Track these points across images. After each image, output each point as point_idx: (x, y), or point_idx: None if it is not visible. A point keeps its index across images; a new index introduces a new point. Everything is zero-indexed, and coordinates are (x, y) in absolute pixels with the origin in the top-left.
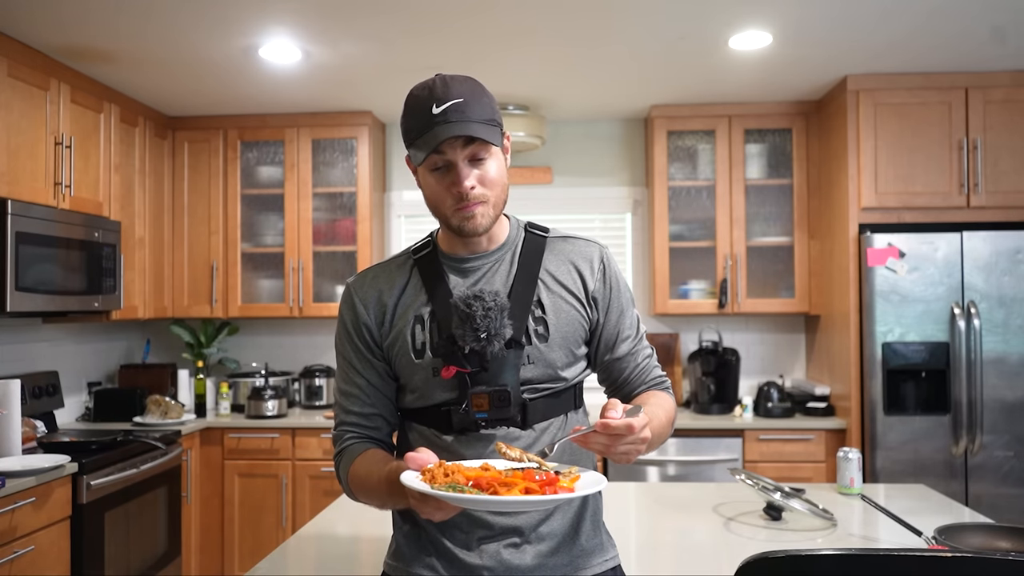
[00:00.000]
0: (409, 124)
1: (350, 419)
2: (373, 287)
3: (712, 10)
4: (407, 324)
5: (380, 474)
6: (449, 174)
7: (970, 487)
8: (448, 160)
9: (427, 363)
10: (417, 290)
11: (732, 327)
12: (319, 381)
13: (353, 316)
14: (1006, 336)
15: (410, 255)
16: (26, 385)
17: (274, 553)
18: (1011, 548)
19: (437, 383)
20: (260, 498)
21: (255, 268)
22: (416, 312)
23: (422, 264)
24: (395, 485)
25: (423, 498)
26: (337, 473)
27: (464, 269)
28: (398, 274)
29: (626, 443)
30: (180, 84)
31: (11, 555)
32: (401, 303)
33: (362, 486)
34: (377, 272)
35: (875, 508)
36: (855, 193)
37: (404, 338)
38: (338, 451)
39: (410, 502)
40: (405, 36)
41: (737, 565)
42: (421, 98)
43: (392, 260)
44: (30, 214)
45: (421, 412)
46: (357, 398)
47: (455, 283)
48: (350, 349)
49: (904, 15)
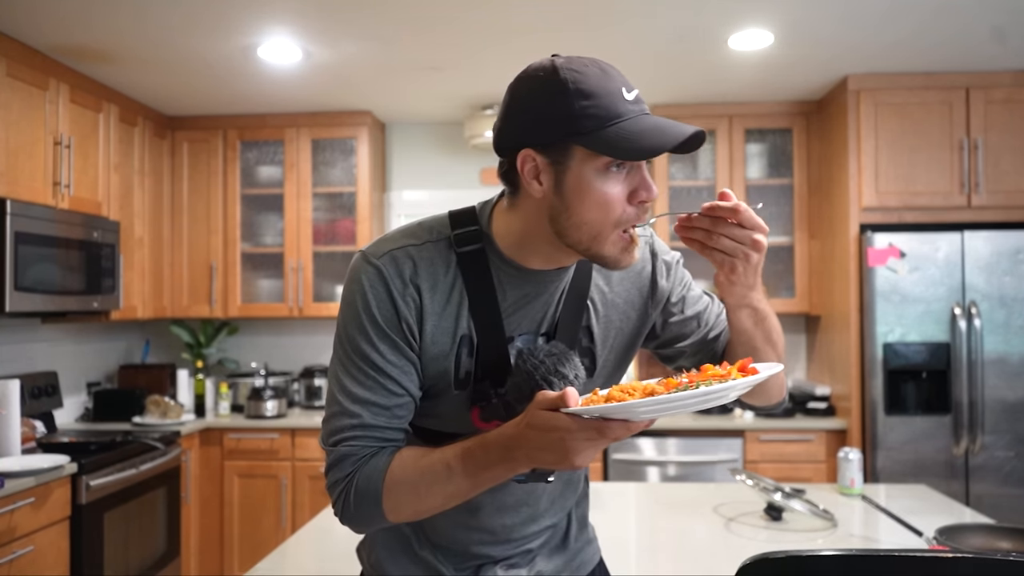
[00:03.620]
0: (586, 107)
1: (375, 435)
2: (412, 279)
3: (712, 9)
4: (452, 344)
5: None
6: (629, 179)
7: (971, 487)
8: (636, 164)
9: (467, 395)
10: (460, 302)
11: None
12: (319, 381)
13: (391, 309)
14: (1007, 336)
15: (452, 245)
16: (25, 385)
17: (274, 553)
18: (1012, 548)
19: (466, 418)
20: (260, 499)
21: (255, 268)
22: (463, 332)
23: (468, 265)
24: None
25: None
26: (350, 497)
27: (523, 282)
28: (440, 267)
29: (733, 231)
30: (179, 84)
31: (10, 555)
32: (446, 313)
33: (420, 479)
34: (416, 257)
35: (876, 508)
36: (856, 193)
37: (447, 360)
38: (349, 472)
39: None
40: (405, 36)
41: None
42: (592, 75)
43: (429, 244)
44: (29, 214)
45: (432, 434)
46: (387, 411)
47: (511, 301)
48: (383, 349)
49: (905, 15)
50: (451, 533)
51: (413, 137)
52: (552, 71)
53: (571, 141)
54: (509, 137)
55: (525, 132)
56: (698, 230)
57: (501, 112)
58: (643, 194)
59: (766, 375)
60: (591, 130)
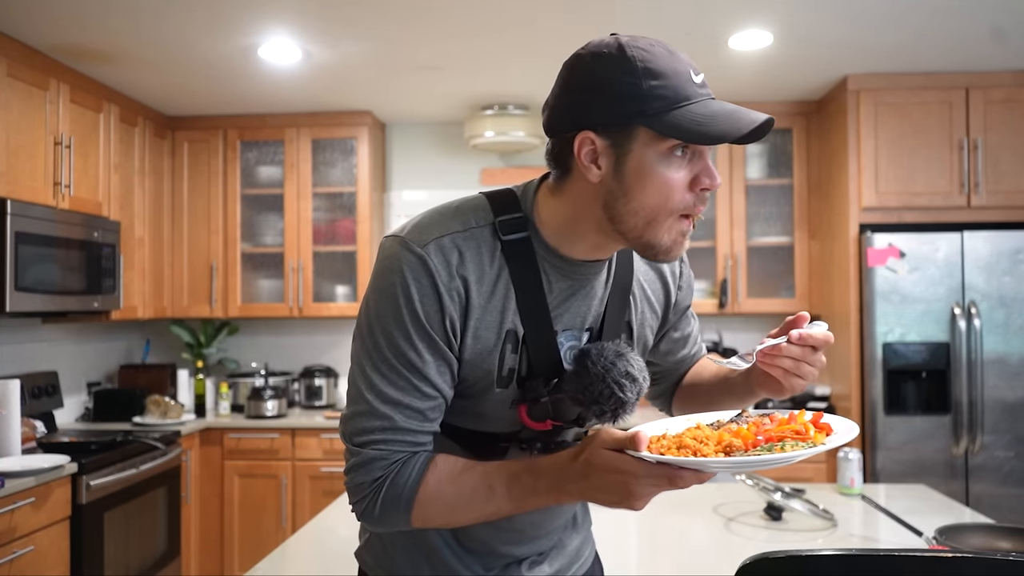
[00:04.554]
0: (655, 88)
1: (407, 439)
2: (458, 270)
3: (712, 9)
4: (496, 340)
5: (508, 471)
6: (691, 165)
7: (971, 487)
8: (700, 150)
9: (509, 394)
10: (506, 295)
11: (732, 327)
12: (319, 381)
13: (435, 304)
14: (1007, 336)
15: (497, 232)
16: (25, 385)
17: (274, 553)
18: (1012, 548)
19: (507, 417)
20: (260, 498)
21: (255, 268)
22: (508, 327)
23: (513, 255)
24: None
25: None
26: (379, 502)
27: (572, 274)
28: (487, 260)
29: (816, 358)
30: (180, 84)
31: (11, 555)
32: (491, 307)
33: (449, 502)
34: (462, 244)
35: (875, 508)
36: (855, 193)
37: (492, 357)
38: (377, 477)
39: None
40: (405, 36)
41: (737, 565)
42: (660, 55)
43: (473, 230)
44: (29, 214)
45: (464, 434)
46: (421, 414)
47: (557, 293)
48: (423, 348)
49: (905, 15)
50: (481, 534)
51: (413, 137)
52: (618, 49)
53: (636, 123)
54: (566, 117)
55: (585, 113)
56: (786, 359)
57: (556, 90)
58: (705, 181)
59: (846, 440)
60: (659, 112)
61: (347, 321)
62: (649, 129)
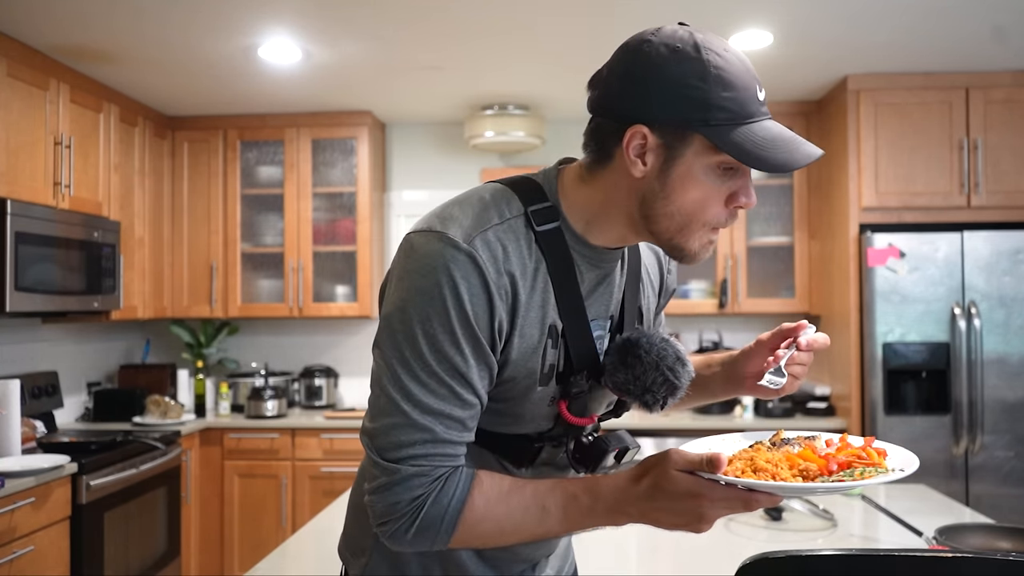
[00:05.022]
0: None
1: (448, 451)
2: (505, 266)
3: (712, 9)
4: (541, 336)
5: (564, 491)
6: (732, 181)
7: (971, 487)
8: (746, 168)
9: (548, 392)
10: (545, 287)
11: (732, 327)
12: (319, 381)
13: (486, 305)
14: (1007, 336)
15: (530, 222)
16: (26, 385)
17: (274, 553)
18: (1011, 548)
19: (544, 414)
20: (260, 498)
21: (255, 268)
22: (551, 321)
23: (547, 246)
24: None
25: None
26: (416, 520)
27: (596, 263)
28: (525, 253)
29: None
30: (180, 84)
31: (11, 555)
32: (533, 302)
33: (498, 523)
34: (503, 237)
35: (875, 508)
36: (855, 193)
37: (535, 355)
38: (418, 496)
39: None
40: (405, 36)
41: (737, 565)
42: (734, 63)
43: (508, 221)
44: (29, 214)
45: (495, 438)
46: (462, 424)
47: (587, 284)
48: (470, 353)
49: (905, 15)
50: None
51: (413, 137)
52: (694, 48)
53: (696, 130)
54: (623, 104)
55: (646, 106)
56: (797, 366)
57: (618, 72)
58: (743, 200)
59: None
60: (722, 125)
61: (347, 321)
62: (707, 139)
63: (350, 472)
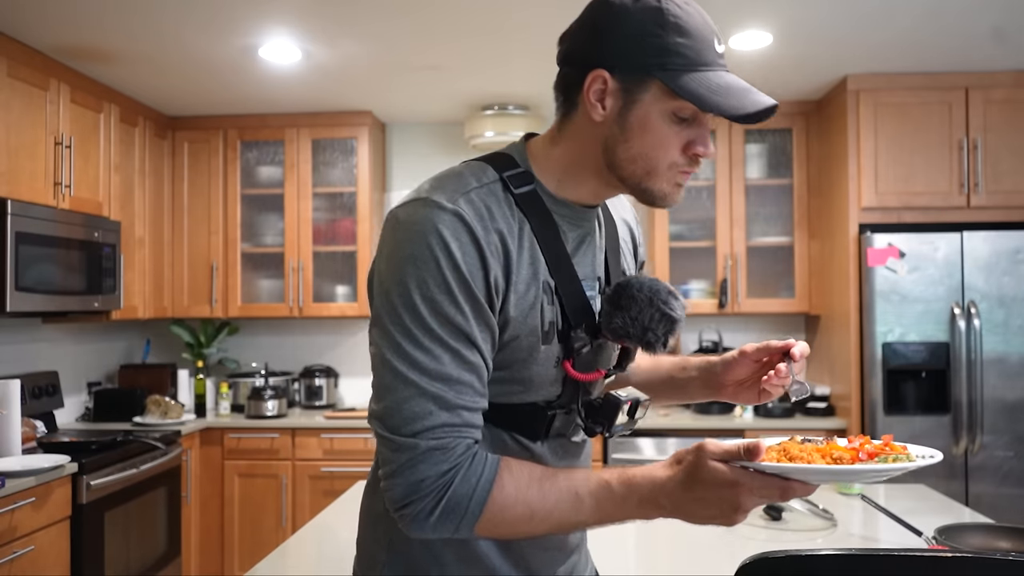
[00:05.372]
0: (679, 45)
1: (464, 419)
2: (493, 224)
3: (712, 9)
4: (537, 292)
5: (593, 483)
6: (689, 130)
7: (970, 487)
8: (702, 118)
9: (553, 351)
10: (532, 246)
11: (732, 327)
12: (319, 381)
13: (477, 259)
14: (1006, 336)
15: (507, 187)
16: (26, 385)
17: (274, 553)
18: (1011, 548)
19: (552, 377)
20: (260, 498)
21: (255, 268)
22: (543, 278)
23: (527, 207)
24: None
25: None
26: (442, 499)
27: (579, 222)
28: (508, 213)
29: None
30: (180, 84)
31: (11, 555)
32: (522, 260)
33: (529, 508)
34: (485, 199)
35: (875, 508)
36: (855, 193)
37: (534, 312)
38: (445, 471)
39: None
40: (405, 36)
41: (737, 565)
42: (693, 14)
43: (484, 186)
44: (30, 214)
45: (506, 411)
46: (472, 389)
47: (571, 241)
48: (469, 311)
49: (904, 15)
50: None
51: (413, 137)
52: None
53: (653, 75)
54: (584, 50)
55: (606, 51)
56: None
57: (581, 22)
58: (699, 148)
59: (936, 460)
60: (677, 69)
61: (347, 321)
62: (663, 84)
63: (350, 472)
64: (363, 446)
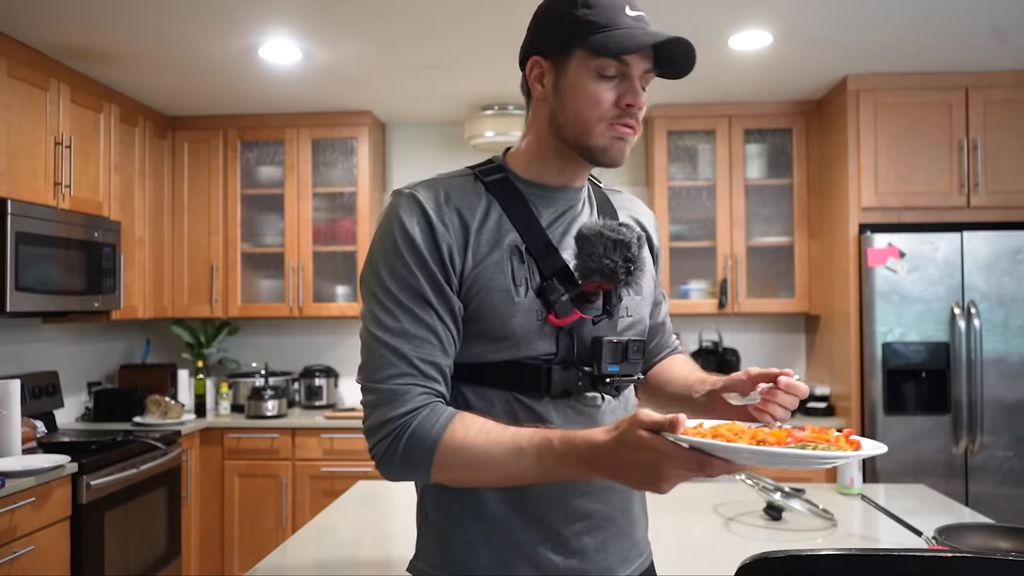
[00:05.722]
0: (587, 14)
1: (420, 369)
2: (447, 202)
3: (712, 10)
4: (502, 254)
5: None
6: (619, 86)
7: (970, 487)
8: (627, 72)
9: (530, 304)
10: (499, 218)
11: (732, 327)
12: (319, 381)
13: (428, 231)
14: (1006, 336)
15: (476, 176)
16: (26, 385)
17: (274, 553)
18: (1011, 548)
19: (538, 332)
20: (260, 498)
21: (255, 268)
22: (509, 242)
23: (497, 192)
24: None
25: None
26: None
27: (554, 199)
28: (472, 194)
29: (790, 401)
30: (180, 84)
31: (11, 555)
32: (486, 228)
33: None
34: (446, 186)
35: (875, 508)
36: (855, 193)
37: (501, 270)
38: (405, 412)
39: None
40: (405, 36)
41: (737, 565)
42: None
43: (452, 178)
44: (30, 214)
45: (503, 370)
46: (429, 344)
47: (547, 216)
48: (421, 275)
49: (904, 15)
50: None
51: (413, 137)
52: None
53: (571, 45)
54: (524, 49)
55: (535, 41)
56: (777, 406)
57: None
58: (629, 98)
59: (871, 454)
60: (587, 34)
61: (347, 321)
62: (582, 49)
63: (350, 472)
64: (363, 446)
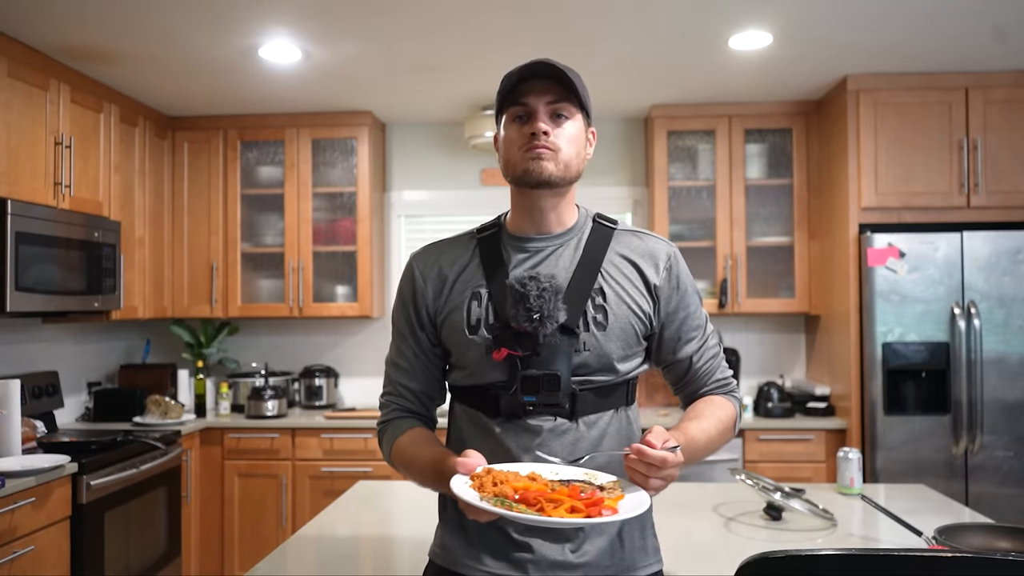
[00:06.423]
0: (500, 89)
1: (397, 390)
2: (434, 259)
3: (712, 10)
4: (464, 299)
5: (425, 459)
6: (526, 127)
7: (970, 487)
8: (529, 108)
9: (481, 341)
10: (476, 268)
11: (732, 327)
12: (319, 381)
13: (411, 287)
14: (1006, 336)
15: (475, 234)
16: (26, 385)
17: (274, 553)
18: (1011, 548)
19: (489, 363)
20: (260, 498)
21: (255, 268)
22: (474, 288)
23: (484, 243)
24: (441, 476)
25: (469, 505)
26: (380, 442)
27: (527, 248)
28: (461, 250)
29: (658, 475)
30: (180, 84)
31: (11, 555)
32: (461, 279)
33: (406, 464)
34: (441, 247)
35: (875, 508)
36: (855, 193)
37: (460, 312)
38: (383, 420)
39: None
40: (405, 36)
41: (737, 565)
42: (513, 70)
43: (458, 237)
44: (30, 214)
45: (470, 392)
46: (405, 371)
47: (515, 263)
48: (403, 320)
49: (904, 15)
50: None
51: (413, 137)
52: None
53: (499, 111)
54: None
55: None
56: (635, 471)
57: None
58: (528, 128)
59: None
60: (500, 96)
61: (347, 321)
62: (502, 110)
63: (350, 472)
64: (363, 446)
